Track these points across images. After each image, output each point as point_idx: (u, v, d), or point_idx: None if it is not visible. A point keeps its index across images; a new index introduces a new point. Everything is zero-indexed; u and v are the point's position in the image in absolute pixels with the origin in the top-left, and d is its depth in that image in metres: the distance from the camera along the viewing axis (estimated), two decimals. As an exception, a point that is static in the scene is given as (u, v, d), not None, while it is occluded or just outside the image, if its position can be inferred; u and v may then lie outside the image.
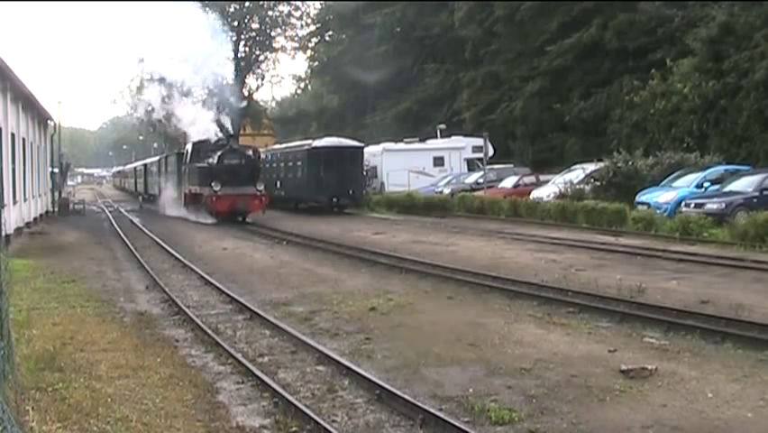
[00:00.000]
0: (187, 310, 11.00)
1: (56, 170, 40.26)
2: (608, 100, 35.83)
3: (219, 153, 28.58)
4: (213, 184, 27.46)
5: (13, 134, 22.70)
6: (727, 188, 21.19)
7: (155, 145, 78.90)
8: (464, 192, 31.64)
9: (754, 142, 27.64)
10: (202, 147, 30.88)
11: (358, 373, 7.43)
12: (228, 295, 12.30)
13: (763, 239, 16.54)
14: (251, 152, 30.36)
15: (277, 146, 44.21)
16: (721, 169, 23.78)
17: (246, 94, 54.99)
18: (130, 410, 6.25)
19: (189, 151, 32.22)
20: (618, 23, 35.11)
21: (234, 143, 30.06)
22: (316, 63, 62.61)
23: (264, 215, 28.18)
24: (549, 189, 28.25)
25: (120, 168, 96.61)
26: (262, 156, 34.85)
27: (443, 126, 40.95)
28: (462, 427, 5.84)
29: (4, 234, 6.14)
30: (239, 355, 8.32)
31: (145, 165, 53.13)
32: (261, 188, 28.31)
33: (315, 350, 8.47)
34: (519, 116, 40.27)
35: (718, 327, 8.92)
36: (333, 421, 6.31)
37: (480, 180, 32.75)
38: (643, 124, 32.66)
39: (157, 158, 46.95)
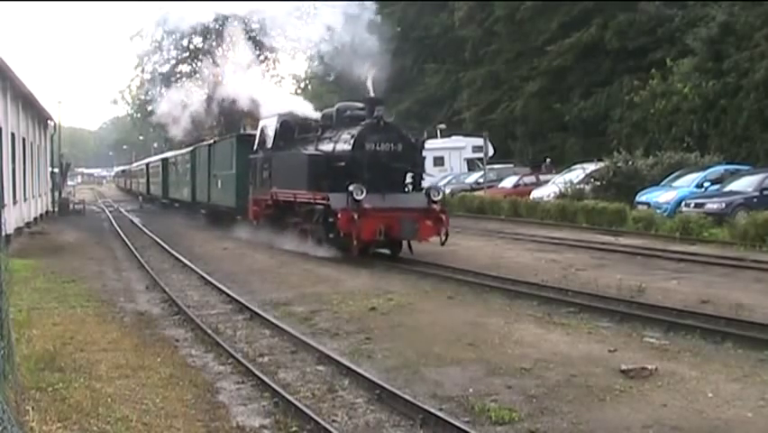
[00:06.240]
0: (187, 310, 10.99)
1: (56, 170, 40.28)
2: (607, 100, 35.89)
3: (356, 133, 16.16)
4: (353, 189, 15.04)
5: (13, 134, 22.70)
6: (727, 188, 21.21)
7: (155, 145, 78.82)
8: (464, 192, 31.66)
9: (754, 141, 27.68)
10: (298, 125, 19.43)
11: (358, 373, 7.42)
12: (228, 295, 12.29)
13: (763, 239, 16.55)
14: (406, 134, 17.16)
15: None
16: (721, 169, 23.81)
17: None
18: (130, 410, 6.25)
19: (273, 129, 19.66)
20: (618, 23, 35.16)
21: (386, 115, 16.87)
22: (316, 63, 62.68)
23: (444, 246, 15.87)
24: (549, 189, 28.28)
25: (125, 167, 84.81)
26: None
27: (443, 126, 40.97)
28: (462, 426, 5.83)
29: (4, 234, 6.15)
30: (239, 355, 8.32)
31: (165, 160, 39.61)
32: (438, 197, 16.20)
33: (316, 350, 8.47)
34: (519, 116, 40.34)
35: (718, 327, 8.91)
36: (334, 421, 6.30)
37: (480, 180, 32.77)
38: (643, 124, 32.70)
39: (188, 149, 32.66)
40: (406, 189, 16.45)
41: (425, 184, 17.38)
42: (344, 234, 15.37)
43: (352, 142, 16.10)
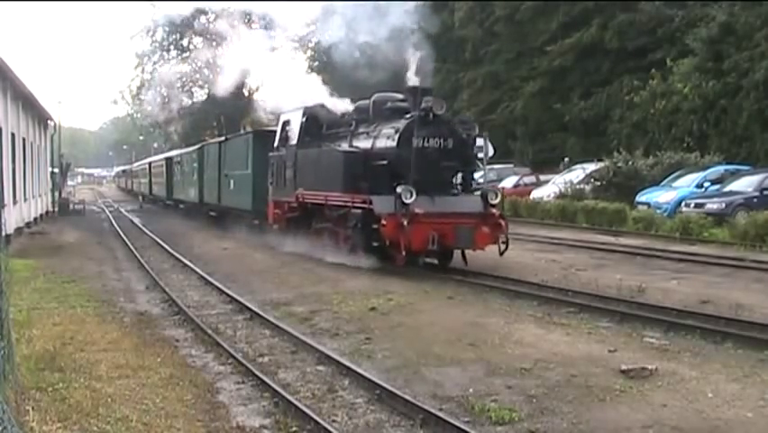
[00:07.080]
0: (187, 310, 11.00)
1: (56, 170, 40.30)
2: (607, 100, 35.92)
3: (401, 127, 14.34)
4: (401, 191, 13.27)
5: (13, 134, 22.71)
6: (727, 188, 21.23)
7: (155, 145, 78.82)
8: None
9: (754, 142, 27.69)
10: (326, 118, 17.56)
11: (358, 373, 7.43)
12: (228, 295, 12.30)
13: (763, 239, 16.57)
14: (458, 128, 15.38)
15: None
16: (721, 169, 23.84)
17: (246, 94, 55.13)
18: (130, 410, 6.25)
19: (298, 123, 17.81)
20: (618, 23, 35.18)
21: (438, 105, 14.55)
22: (317, 63, 62.67)
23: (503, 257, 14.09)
24: (549, 189, 28.29)
25: (125, 166, 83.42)
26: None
27: (443, 126, 40.94)
28: (462, 427, 5.83)
29: (4, 234, 6.15)
30: (239, 355, 8.32)
31: (169, 159, 38.00)
32: (496, 200, 14.44)
33: (316, 350, 8.47)
34: (519, 116, 40.37)
35: (718, 327, 8.92)
36: (334, 421, 6.30)
37: (480, 180, 32.71)
38: (643, 124, 32.73)
39: (195, 147, 31.52)
40: (455, 191, 14.75)
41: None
42: (390, 243, 13.57)
43: (396, 137, 14.25)
